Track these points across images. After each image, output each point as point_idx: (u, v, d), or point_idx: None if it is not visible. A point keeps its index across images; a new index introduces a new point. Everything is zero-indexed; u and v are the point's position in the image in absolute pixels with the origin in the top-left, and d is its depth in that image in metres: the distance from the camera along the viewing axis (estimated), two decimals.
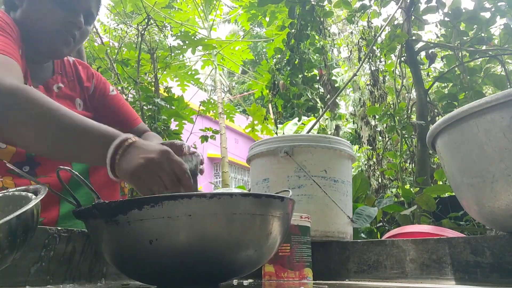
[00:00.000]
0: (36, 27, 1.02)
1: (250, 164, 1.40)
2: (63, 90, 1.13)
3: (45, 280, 0.74)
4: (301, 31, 3.01)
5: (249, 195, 0.63)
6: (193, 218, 0.59)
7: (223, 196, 0.60)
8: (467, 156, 0.88)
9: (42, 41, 1.03)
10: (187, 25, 4.01)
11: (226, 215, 0.60)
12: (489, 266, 0.91)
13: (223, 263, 0.64)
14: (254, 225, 0.63)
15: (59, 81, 1.14)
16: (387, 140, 3.72)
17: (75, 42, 1.07)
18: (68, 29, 1.04)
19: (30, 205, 0.50)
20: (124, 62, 3.06)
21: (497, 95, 0.81)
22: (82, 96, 1.19)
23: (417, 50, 2.98)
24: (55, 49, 1.05)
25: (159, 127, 2.62)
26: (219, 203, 0.60)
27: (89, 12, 1.08)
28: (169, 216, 0.58)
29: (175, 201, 0.59)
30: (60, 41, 1.04)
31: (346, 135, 7.87)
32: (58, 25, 1.02)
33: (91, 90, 1.22)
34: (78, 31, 1.06)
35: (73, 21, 1.03)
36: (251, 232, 0.63)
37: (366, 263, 1.10)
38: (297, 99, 3.13)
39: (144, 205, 0.59)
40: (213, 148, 9.25)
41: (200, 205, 0.59)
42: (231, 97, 7.94)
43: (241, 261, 0.66)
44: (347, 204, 1.30)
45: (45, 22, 1.02)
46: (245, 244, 0.63)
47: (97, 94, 1.23)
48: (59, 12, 1.02)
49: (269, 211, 0.64)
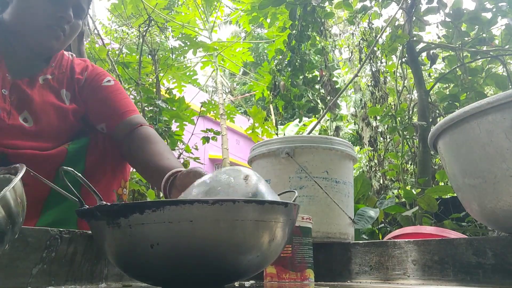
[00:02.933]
0: (26, 22, 1.03)
1: (252, 165, 1.40)
2: (49, 81, 1.12)
3: (47, 282, 0.74)
4: (302, 32, 3.01)
5: (252, 202, 0.62)
6: (195, 224, 0.58)
7: (226, 202, 0.59)
8: (469, 157, 0.88)
9: (32, 36, 1.04)
10: (188, 27, 4.01)
11: (228, 222, 0.60)
12: (491, 267, 0.90)
13: (224, 269, 0.63)
14: (256, 231, 0.62)
15: (48, 73, 1.13)
16: (389, 141, 3.72)
17: (65, 36, 1.07)
18: (58, 24, 1.04)
19: (16, 179, 0.51)
20: (125, 63, 3.06)
21: (499, 95, 0.81)
22: (71, 89, 1.16)
23: (418, 51, 2.98)
24: (45, 43, 1.05)
25: (160, 128, 2.63)
26: (221, 210, 0.59)
27: (79, 6, 1.08)
28: (170, 221, 0.58)
29: (176, 206, 0.58)
30: (51, 36, 1.04)
31: (347, 136, 7.87)
32: (48, 20, 1.03)
33: (82, 81, 1.19)
34: (67, 25, 1.05)
35: (62, 15, 1.03)
36: (253, 239, 0.63)
37: (368, 264, 1.10)
38: (298, 100, 3.13)
39: (145, 209, 0.58)
40: (214, 149, 9.26)
41: (202, 211, 0.58)
42: (232, 98, 7.95)
43: (243, 267, 0.65)
44: (349, 205, 1.30)
45: (36, 18, 1.02)
46: (247, 250, 0.63)
47: (87, 85, 1.18)
48: (49, 7, 1.02)
49: (272, 218, 0.64)
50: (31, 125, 1.05)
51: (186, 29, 3.93)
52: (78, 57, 1.29)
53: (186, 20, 4.02)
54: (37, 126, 1.06)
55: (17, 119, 1.03)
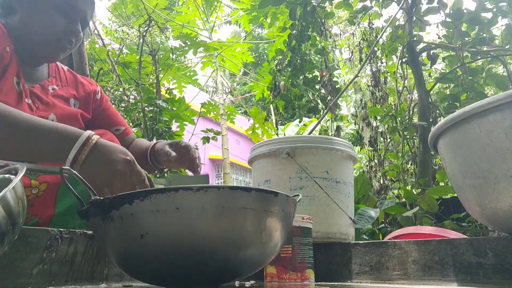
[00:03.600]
0: (36, 33, 1.05)
1: (252, 166, 1.40)
2: (58, 91, 1.18)
3: (47, 282, 0.74)
4: (302, 32, 3.01)
5: (238, 188, 0.61)
6: (181, 212, 0.58)
7: (210, 189, 0.59)
8: (469, 157, 0.88)
9: (40, 47, 1.06)
10: (188, 27, 4.01)
11: (214, 209, 0.59)
12: (491, 268, 0.90)
13: (214, 258, 0.62)
14: (245, 219, 0.61)
15: (53, 83, 1.18)
16: (389, 141, 3.72)
17: (70, 48, 1.12)
18: (67, 37, 1.08)
19: (17, 179, 0.51)
20: (125, 64, 3.07)
21: (499, 95, 0.81)
22: (79, 97, 1.23)
23: (418, 51, 2.98)
24: (52, 55, 1.09)
25: (160, 129, 2.63)
26: (206, 196, 0.59)
27: (85, 19, 1.13)
28: (158, 210, 0.58)
29: (162, 194, 0.58)
30: (59, 48, 1.08)
31: (348, 136, 7.87)
32: (59, 34, 1.06)
33: (98, 96, 1.29)
34: (75, 38, 1.10)
35: (72, 29, 1.08)
36: (242, 227, 0.62)
37: (368, 265, 1.10)
38: (298, 100, 3.13)
39: (134, 199, 0.59)
40: (214, 149, 9.25)
41: (187, 198, 0.58)
42: (232, 99, 7.94)
43: (235, 259, 0.64)
44: (349, 205, 1.30)
45: (46, 30, 1.05)
46: (237, 239, 0.62)
47: (105, 101, 1.31)
48: (60, 20, 1.06)
49: (262, 206, 0.62)
50: None
51: (186, 29, 3.93)
52: (78, 58, 1.32)
53: (186, 20, 4.02)
54: None
55: None
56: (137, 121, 2.78)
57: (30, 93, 1.09)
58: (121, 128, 1.31)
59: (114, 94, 3.01)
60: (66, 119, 1.14)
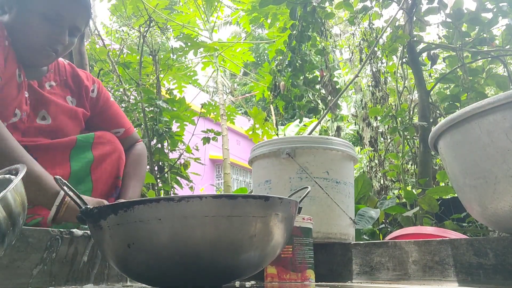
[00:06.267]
0: (22, 38, 1.05)
1: (252, 166, 1.40)
2: (55, 88, 1.18)
3: (47, 282, 0.74)
4: (302, 32, 3.00)
5: (222, 197, 0.60)
6: (164, 222, 0.58)
7: (192, 199, 0.58)
8: (470, 157, 0.88)
9: (26, 51, 1.07)
10: (189, 27, 4.01)
11: (197, 219, 0.58)
12: (492, 268, 0.90)
13: (203, 268, 0.61)
14: (231, 227, 0.60)
15: (51, 79, 1.18)
16: (389, 142, 3.71)
17: (57, 55, 1.11)
18: (51, 45, 1.07)
19: (17, 179, 0.51)
20: (126, 64, 3.06)
21: (499, 96, 0.81)
22: (76, 95, 1.23)
23: (419, 51, 2.98)
24: (36, 60, 1.09)
25: (160, 129, 2.62)
26: (188, 206, 0.58)
27: (75, 27, 1.11)
28: (141, 220, 0.59)
29: (144, 205, 0.59)
30: (43, 55, 1.08)
31: (348, 137, 7.86)
32: (43, 41, 1.06)
33: (95, 92, 1.27)
34: (61, 46, 1.09)
35: (58, 38, 1.07)
36: (229, 235, 0.60)
37: (369, 265, 1.09)
38: (298, 101, 3.12)
39: (118, 210, 0.60)
40: (215, 150, 9.24)
41: (169, 209, 0.58)
42: (232, 99, 7.94)
43: (223, 265, 0.63)
44: (349, 205, 1.30)
45: (31, 37, 1.05)
46: (224, 247, 0.61)
47: (102, 97, 1.29)
48: (46, 27, 1.05)
49: (249, 212, 0.61)
50: (49, 122, 1.12)
51: (187, 29, 3.93)
52: (79, 59, 1.32)
53: (186, 20, 4.02)
54: (55, 122, 1.13)
55: (35, 120, 1.10)
56: (137, 122, 2.78)
57: (28, 87, 1.09)
58: (121, 131, 1.30)
59: (115, 94, 3.01)
60: (61, 116, 1.15)
